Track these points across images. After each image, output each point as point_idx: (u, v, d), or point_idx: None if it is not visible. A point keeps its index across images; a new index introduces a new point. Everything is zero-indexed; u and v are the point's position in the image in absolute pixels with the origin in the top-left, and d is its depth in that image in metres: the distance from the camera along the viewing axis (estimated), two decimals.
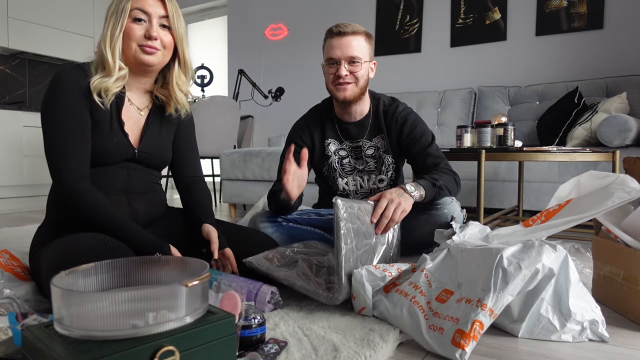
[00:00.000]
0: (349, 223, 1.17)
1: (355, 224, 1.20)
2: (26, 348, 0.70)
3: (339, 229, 1.13)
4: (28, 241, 1.37)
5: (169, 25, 1.25)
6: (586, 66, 3.40)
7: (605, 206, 1.05)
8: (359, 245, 1.20)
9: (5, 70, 4.98)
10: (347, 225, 1.16)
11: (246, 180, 3.30)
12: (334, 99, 1.69)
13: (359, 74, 1.60)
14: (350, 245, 1.15)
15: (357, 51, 1.58)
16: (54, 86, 1.19)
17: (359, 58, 1.58)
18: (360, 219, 1.24)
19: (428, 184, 1.49)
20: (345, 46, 1.57)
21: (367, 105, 1.73)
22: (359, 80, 1.61)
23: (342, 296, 1.13)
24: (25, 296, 1.18)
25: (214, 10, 5.50)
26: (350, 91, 1.62)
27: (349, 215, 1.17)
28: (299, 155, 1.73)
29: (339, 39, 1.58)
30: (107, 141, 1.23)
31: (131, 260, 0.84)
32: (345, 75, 1.58)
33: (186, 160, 1.45)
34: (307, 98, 4.19)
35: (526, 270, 0.97)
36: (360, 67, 1.60)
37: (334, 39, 1.59)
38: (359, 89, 1.63)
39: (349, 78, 1.59)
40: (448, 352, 0.92)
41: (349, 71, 1.58)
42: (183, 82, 1.34)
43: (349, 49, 1.57)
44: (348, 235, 1.15)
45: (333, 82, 1.62)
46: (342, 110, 1.72)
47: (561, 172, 2.54)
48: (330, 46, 1.59)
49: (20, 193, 4.57)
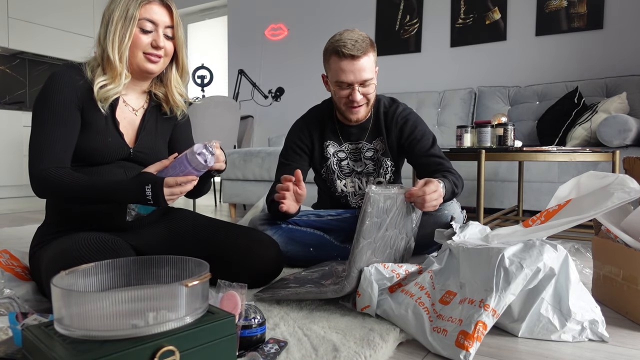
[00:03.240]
0: (375, 218, 1.13)
1: (380, 218, 1.17)
2: (26, 348, 0.70)
3: (363, 222, 1.10)
4: (28, 241, 1.37)
5: (172, 35, 1.28)
6: (586, 66, 3.40)
7: (605, 206, 1.05)
8: (378, 238, 1.19)
9: (5, 70, 4.98)
10: (373, 220, 1.12)
11: (246, 180, 3.30)
12: (341, 114, 1.69)
13: (370, 95, 1.60)
14: (369, 240, 1.14)
15: (369, 72, 1.54)
16: (47, 85, 1.20)
17: (370, 79, 1.56)
18: (388, 211, 1.20)
19: (449, 190, 1.46)
20: (359, 71, 1.51)
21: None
22: (370, 100, 1.62)
23: (350, 286, 1.14)
24: (25, 296, 1.18)
25: (214, 10, 5.50)
26: (362, 113, 1.63)
27: (377, 210, 1.14)
28: (298, 157, 1.74)
29: (350, 63, 1.50)
30: (102, 140, 1.24)
31: (131, 260, 0.84)
32: (360, 99, 1.57)
33: None
34: (307, 98, 4.19)
35: (527, 270, 0.97)
36: (372, 87, 1.59)
37: (344, 62, 1.51)
38: (370, 107, 1.65)
39: (362, 100, 1.59)
40: (452, 353, 0.92)
41: (362, 94, 1.57)
42: (180, 85, 1.37)
43: (362, 73, 1.52)
44: (371, 230, 1.13)
45: (346, 105, 1.61)
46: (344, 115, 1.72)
47: (561, 172, 2.54)
48: (341, 69, 1.52)
49: (20, 193, 4.57)
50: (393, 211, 1.23)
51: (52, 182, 1.15)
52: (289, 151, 1.75)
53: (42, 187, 1.17)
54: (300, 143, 1.74)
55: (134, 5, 1.20)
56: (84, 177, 1.17)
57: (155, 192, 1.09)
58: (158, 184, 1.10)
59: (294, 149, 1.74)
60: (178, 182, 1.11)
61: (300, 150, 1.74)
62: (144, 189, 1.10)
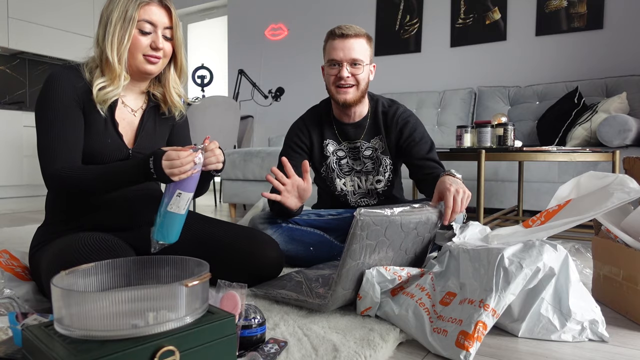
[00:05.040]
0: (368, 240, 1.08)
1: (376, 240, 1.11)
2: (26, 348, 0.70)
3: (351, 244, 1.05)
4: (28, 241, 1.37)
5: (171, 36, 1.27)
6: (586, 66, 3.40)
7: (605, 207, 1.05)
8: (370, 259, 1.14)
9: (5, 70, 4.98)
10: (364, 242, 1.07)
11: (246, 180, 3.30)
12: (333, 100, 1.69)
13: (360, 77, 1.61)
14: (357, 261, 1.09)
15: (359, 54, 1.59)
16: (46, 87, 1.20)
17: (360, 61, 1.59)
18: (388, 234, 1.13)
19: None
20: (348, 48, 1.58)
21: (365, 107, 1.74)
22: (360, 83, 1.63)
23: (334, 306, 1.14)
24: (25, 296, 1.18)
25: (214, 10, 5.50)
26: (351, 94, 1.63)
27: (371, 233, 1.08)
28: (298, 156, 1.74)
29: (341, 41, 1.58)
30: (101, 142, 1.24)
31: (131, 260, 0.84)
32: (347, 77, 1.59)
33: None
34: (307, 98, 4.19)
35: (527, 269, 0.97)
36: (362, 70, 1.61)
37: (336, 41, 1.59)
38: (359, 92, 1.64)
39: (351, 80, 1.61)
40: (452, 354, 0.92)
41: (350, 73, 1.60)
42: (178, 85, 1.36)
43: (351, 51, 1.58)
44: (360, 252, 1.08)
45: (334, 84, 1.63)
46: (340, 112, 1.72)
47: (561, 172, 2.54)
48: (333, 47, 1.60)
49: (20, 193, 4.57)
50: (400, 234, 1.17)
51: (69, 181, 1.16)
52: (288, 150, 1.76)
53: (59, 187, 1.18)
54: (299, 142, 1.75)
55: (132, 6, 1.19)
56: (96, 168, 1.18)
57: (156, 165, 1.09)
58: (158, 155, 1.09)
59: (294, 148, 1.75)
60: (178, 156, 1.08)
61: (300, 149, 1.75)
62: (149, 161, 1.10)
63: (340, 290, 1.11)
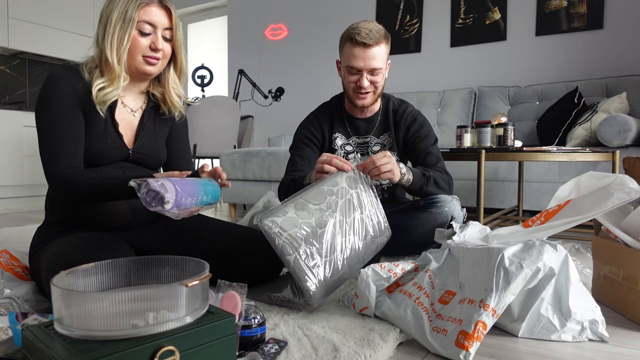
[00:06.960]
0: (286, 232, 1.14)
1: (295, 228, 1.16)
2: (26, 348, 0.70)
3: (276, 248, 1.13)
4: (28, 241, 1.37)
5: (170, 37, 1.27)
6: (586, 66, 3.40)
7: (605, 207, 1.05)
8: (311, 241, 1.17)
9: (5, 70, 4.98)
10: (283, 239, 1.13)
11: (246, 180, 3.30)
12: (349, 100, 1.71)
13: (378, 83, 1.64)
14: (294, 255, 1.12)
15: (379, 62, 1.59)
16: (46, 87, 1.19)
17: (380, 67, 1.60)
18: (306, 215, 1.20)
19: (418, 172, 1.54)
20: (369, 58, 1.57)
21: (377, 104, 1.76)
22: (378, 88, 1.66)
23: (317, 302, 1.14)
24: (25, 296, 1.18)
25: (214, 10, 5.50)
26: (369, 99, 1.67)
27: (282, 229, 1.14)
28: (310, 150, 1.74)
29: (362, 50, 1.56)
30: (101, 142, 1.24)
31: (131, 260, 0.84)
32: (367, 86, 1.61)
33: (176, 160, 1.46)
34: (307, 98, 4.19)
35: (527, 269, 0.97)
36: (381, 76, 1.63)
37: (356, 49, 1.57)
38: (377, 95, 1.68)
39: (370, 87, 1.63)
40: (452, 353, 0.92)
41: (370, 81, 1.61)
42: (177, 86, 1.36)
43: (372, 61, 1.58)
44: (289, 246, 1.13)
45: (354, 90, 1.65)
46: (353, 107, 1.74)
47: (561, 172, 2.54)
48: (353, 55, 1.58)
49: (20, 193, 4.57)
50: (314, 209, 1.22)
51: (72, 183, 1.15)
52: (299, 144, 1.76)
53: (63, 188, 1.18)
54: (311, 136, 1.76)
55: (132, 6, 1.19)
56: (97, 177, 1.17)
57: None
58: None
59: (305, 142, 1.75)
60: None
61: (311, 143, 1.76)
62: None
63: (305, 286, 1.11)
